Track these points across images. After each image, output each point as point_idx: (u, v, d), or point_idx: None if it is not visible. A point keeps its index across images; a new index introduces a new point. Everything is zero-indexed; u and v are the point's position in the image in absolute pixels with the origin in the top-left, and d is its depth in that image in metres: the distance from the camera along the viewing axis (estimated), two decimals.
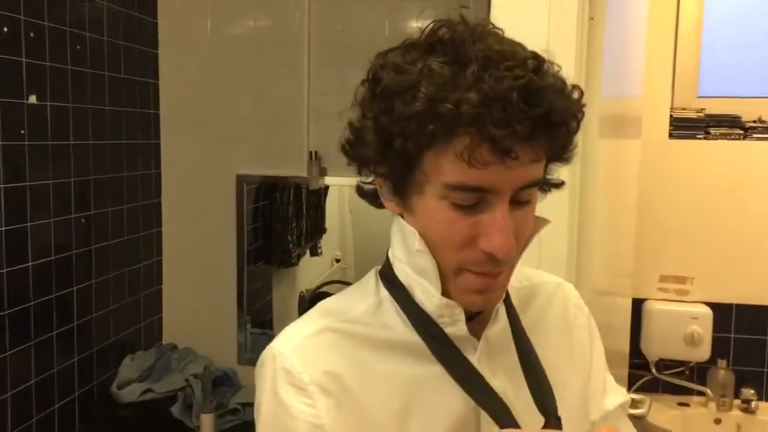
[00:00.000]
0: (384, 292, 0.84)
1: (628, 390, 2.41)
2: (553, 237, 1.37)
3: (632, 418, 0.99)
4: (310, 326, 0.82)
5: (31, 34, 1.77)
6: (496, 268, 0.75)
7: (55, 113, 1.89)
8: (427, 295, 0.79)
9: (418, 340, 0.80)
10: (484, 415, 0.78)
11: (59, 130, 1.91)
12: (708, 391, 2.92)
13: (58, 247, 1.92)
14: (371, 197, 0.83)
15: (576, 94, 0.75)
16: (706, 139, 2.95)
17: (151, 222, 2.41)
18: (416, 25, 0.79)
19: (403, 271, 0.82)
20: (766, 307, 2.92)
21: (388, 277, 0.84)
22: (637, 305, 2.89)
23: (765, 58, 3.01)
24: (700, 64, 3.00)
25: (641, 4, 2.37)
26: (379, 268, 0.87)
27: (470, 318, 0.81)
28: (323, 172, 2.35)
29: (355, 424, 0.78)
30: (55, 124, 1.89)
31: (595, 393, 0.92)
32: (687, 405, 2.95)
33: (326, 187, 2.47)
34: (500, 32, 0.76)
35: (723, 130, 2.94)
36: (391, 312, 0.82)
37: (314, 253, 2.62)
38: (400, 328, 0.81)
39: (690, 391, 2.97)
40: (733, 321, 2.94)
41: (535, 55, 0.73)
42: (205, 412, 2.01)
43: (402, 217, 0.80)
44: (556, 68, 0.75)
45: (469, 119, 0.68)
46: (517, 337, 0.82)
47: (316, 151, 2.32)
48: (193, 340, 2.43)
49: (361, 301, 0.84)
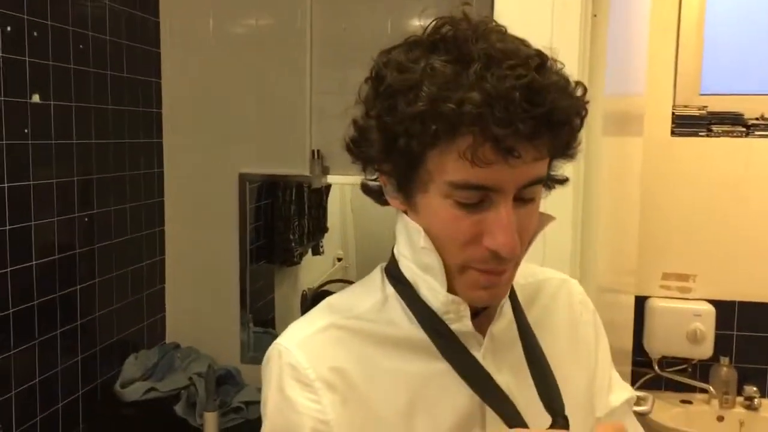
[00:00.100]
0: (390, 289, 0.84)
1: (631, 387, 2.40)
2: (558, 234, 1.37)
3: (635, 416, 0.98)
4: (316, 323, 0.82)
5: (35, 33, 1.77)
6: (501, 266, 0.75)
7: (58, 112, 1.89)
8: (433, 291, 0.79)
9: (424, 337, 0.80)
10: (489, 411, 0.78)
11: (62, 129, 1.91)
12: (711, 388, 2.92)
13: (62, 246, 1.93)
14: (376, 194, 0.83)
15: (579, 92, 0.75)
16: (708, 136, 2.95)
17: (154, 221, 2.41)
18: (418, 23, 0.79)
19: (408, 268, 0.82)
20: None
21: (394, 274, 0.84)
22: (640, 303, 2.89)
23: (767, 55, 3.00)
24: (702, 62, 2.99)
25: (643, 2, 2.37)
26: (384, 264, 0.87)
27: (475, 314, 0.81)
28: (326, 171, 2.35)
29: (361, 420, 0.78)
30: (59, 123, 1.89)
31: (601, 389, 0.91)
32: (690, 402, 2.95)
33: (328, 186, 2.47)
34: (503, 29, 0.76)
35: (725, 128, 2.94)
36: (397, 309, 0.82)
37: (316, 252, 2.62)
38: (406, 324, 0.81)
39: (693, 389, 2.97)
40: (735, 318, 2.94)
41: (538, 53, 0.73)
42: (209, 411, 2.01)
43: (406, 214, 0.80)
44: (559, 66, 0.74)
45: (471, 119, 0.68)
46: (523, 333, 0.82)
47: (318, 150, 2.32)
48: (195, 339, 2.43)
49: (367, 298, 0.84)
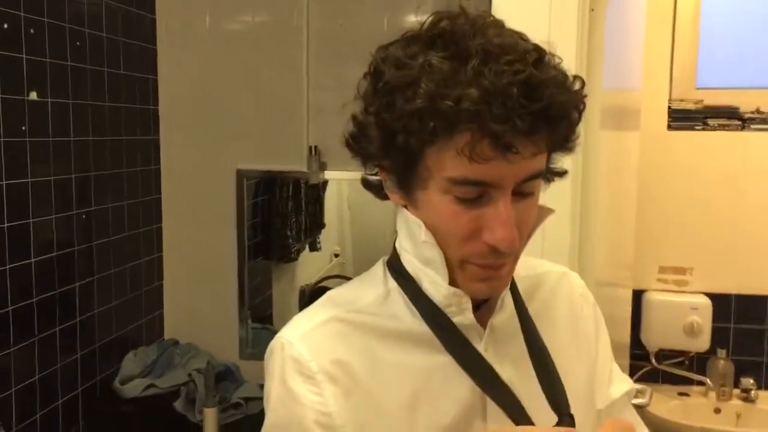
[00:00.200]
0: (392, 283, 0.84)
1: None
2: (556, 229, 1.37)
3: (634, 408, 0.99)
4: (318, 316, 0.83)
5: (31, 31, 1.77)
6: (500, 260, 0.76)
7: (56, 110, 1.88)
8: (435, 285, 0.80)
9: (426, 330, 0.80)
10: (490, 403, 0.79)
11: (60, 126, 1.91)
12: (708, 380, 2.93)
13: (60, 243, 1.92)
14: (376, 189, 0.84)
15: (577, 85, 0.75)
16: (704, 130, 2.96)
17: (152, 218, 2.41)
18: (415, 19, 0.79)
19: (410, 262, 0.82)
20: (765, 297, 2.93)
21: (396, 268, 0.84)
22: (637, 296, 2.90)
23: (762, 48, 3.01)
24: (698, 56, 3.00)
25: None
26: (386, 258, 0.88)
27: (477, 307, 0.81)
28: (323, 167, 2.35)
29: (363, 412, 0.78)
30: (56, 121, 1.89)
31: (601, 382, 0.92)
32: (687, 395, 2.96)
33: (325, 182, 2.47)
34: (501, 23, 0.76)
35: (721, 121, 2.95)
36: (399, 302, 0.83)
37: (313, 248, 2.62)
38: (408, 318, 0.81)
39: (690, 381, 2.98)
40: (732, 311, 2.95)
41: (536, 47, 0.73)
42: (209, 407, 2.02)
43: (406, 209, 0.81)
44: (557, 60, 0.74)
45: (469, 116, 0.68)
46: (525, 326, 0.83)
47: (315, 146, 2.32)
48: (194, 336, 2.43)
49: (369, 292, 0.84)
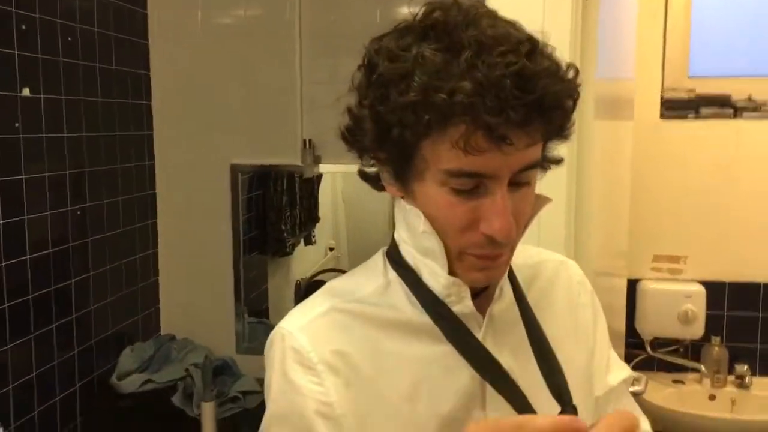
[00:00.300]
0: (392, 274, 0.84)
1: None
2: (551, 220, 1.38)
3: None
4: (318, 307, 0.83)
5: (23, 27, 1.76)
6: (497, 250, 0.76)
7: (49, 106, 1.88)
8: (434, 275, 0.80)
9: (426, 321, 0.81)
10: (489, 392, 0.80)
11: (53, 122, 1.90)
12: (702, 368, 2.94)
13: (55, 239, 1.92)
14: (373, 181, 0.84)
15: (571, 74, 0.75)
16: (697, 119, 2.97)
17: (146, 213, 2.41)
18: (407, 11, 0.79)
19: (408, 253, 0.83)
20: (758, 284, 2.95)
21: (395, 259, 0.85)
22: (632, 285, 2.91)
23: (754, 36, 3.02)
24: (690, 45, 3.00)
25: None
26: (385, 249, 0.88)
27: (475, 295, 0.82)
28: (317, 160, 2.35)
29: (364, 401, 0.79)
30: (49, 117, 1.88)
31: (599, 369, 0.93)
32: (682, 382, 2.98)
33: (319, 176, 2.47)
34: (494, 13, 0.75)
35: (714, 110, 2.95)
36: (399, 293, 0.83)
37: (308, 242, 2.62)
38: (408, 308, 0.82)
39: (685, 369, 2.99)
40: (726, 298, 2.97)
41: (529, 38, 0.73)
42: (206, 401, 2.02)
43: (403, 200, 0.81)
44: (550, 49, 0.74)
45: (463, 108, 0.68)
46: (524, 314, 0.83)
47: (310, 139, 2.32)
48: (190, 331, 2.44)
49: (369, 282, 0.85)
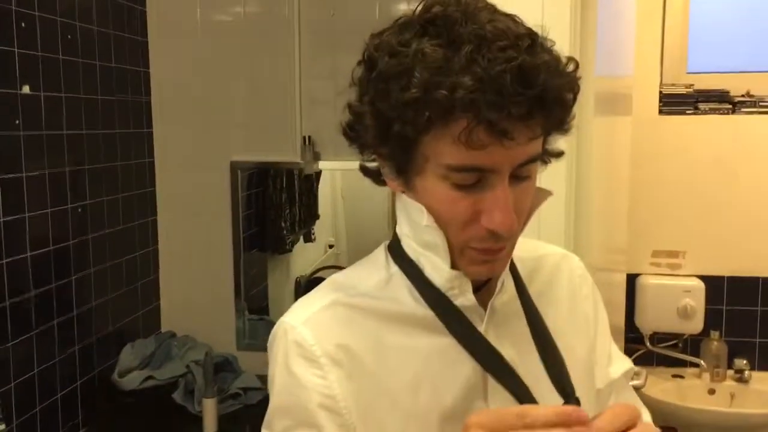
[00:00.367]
0: (394, 267, 0.85)
1: None
2: (551, 216, 1.38)
3: None
4: (321, 300, 0.84)
5: (23, 24, 1.76)
6: (498, 244, 0.77)
7: (49, 103, 1.88)
8: (436, 268, 0.81)
9: (428, 314, 0.81)
10: (491, 383, 0.80)
11: (53, 119, 1.91)
12: (702, 362, 2.95)
13: (56, 237, 1.93)
14: (374, 176, 0.84)
15: (571, 67, 0.76)
16: (695, 114, 2.97)
17: (146, 211, 2.41)
18: (406, 7, 0.79)
19: (410, 247, 0.83)
20: (757, 279, 2.96)
21: (398, 253, 0.85)
22: (631, 280, 2.92)
23: (752, 32, 3.02)
24: (689, 41, 3.01)
25: None
26: (387, 243, 0.88)
27: (477, 289, 0.82)
28: (317, 157, 2.35)
29: (367, 394, 0.79)
30: (49, 114, 1.88)
31: (601, 361, 0.93)
32: (681, 377, 2.99)
33: (318, 173, 2.48)
34: (493, 7, 0.75)
35: (712, 105, 2.96)
36: (401, 286, 0.83)
37: (308, 239, 2.63)
38: (410, 301, 0.82)
39: (684, 363, 3.01)
40: (725, 293, 2.98)
41: (529, 32, 0.73)
42: (208, 397, 2.03)
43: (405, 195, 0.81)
44: (550, 43, 0.75)
45: (464, 104, 0.68)
46: (527, 307, 0.84)
47: (309, 136, 2.32)
48: (190, 328, 2.44)
49: (371, 276, 0.85)
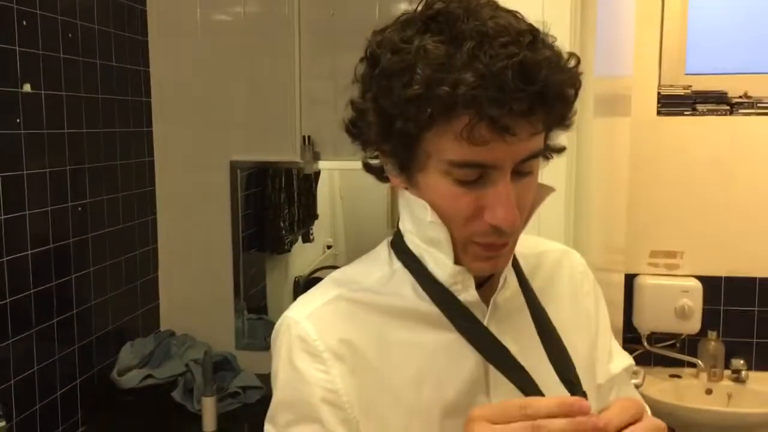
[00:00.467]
0: (397, 263, 0.85)
1: None
2: (551, 216, 1.38)
3: None
4: (324, 295, 0.84)
5: (24, 23, 1.76)
6: (501, 239, 0.77)
7: (49, 102, 1.88)
8: (440, 264, 0.81)
9: (431, 309, 0.82)
10: (493, 378, 0.81)
11: (54, 118, 1.91)
12: (699, 362, 2.96)
13: (56, 235, 1.93)
14: (377, 173, 0.85)
15: (572, 63, 0.76)
16: (693, 115, 2.98)
17: (146, 210, 2.41)
18: (406, 7, 0.79)
19: (413, 243, 0.84)
20: (754, 279, 2.97)
21: (401, 248, 0.86)
22: (629, 280, 2.93)
23: (750, 34, 3.03)
24: (687, 42, 3.02)
25: None
26: (390, 239, 0.89)
27: (479, 285, 0.83)
28: (316, 157, 2.36)
29: (369, 388, 0.80)
30: (50, 113, 1.89)
31: (602, 357, 0.94)
32: (679, 376, 2.99)
33: (317, 173, 2.48)
34: (494, 4, 0.76)
35: (710, 106, 2.97)
36: (405, 281, 0.84)
37: (306, 239, 2.63)
38: (413, 297, 0.83)
39: (681, 363, 3.01)
40: (722, 293, 2.98)
41: (530, 28, 0.73)
42: (207, 396, 2.03)
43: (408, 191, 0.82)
44: (551, 39, 0.75)
45: (466, 101, 0.69)
46: (530, 302, 0.84)
47: (309, 136, 2.33)
48: (189, 327, 2.44)
49: (374, 271, 0.86)
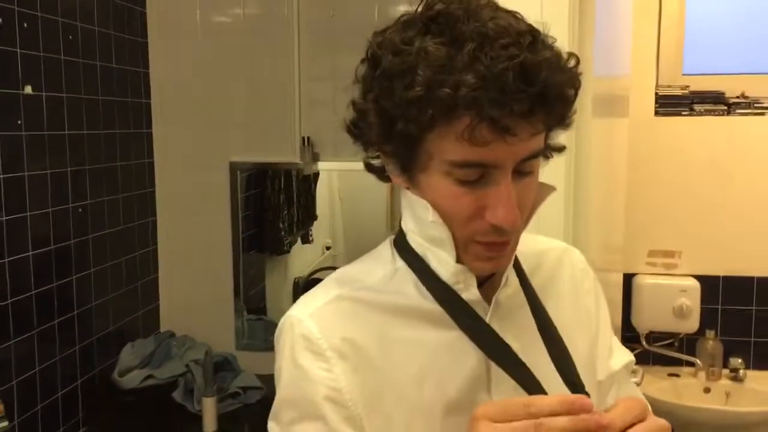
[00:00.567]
0: (400, 262, 0.86)
1: None
2: (551, 217, 1.39)
3: None
4: (326, 294, 0.85)
5: (25, 25, 1.77)
6: (502, 238, 0.78)
7: (50, 103, 1.89)
8: (442, 263, 0.82)
9: (433, 307, 0.82)
10: (494, 375, 0.82)
11: (54, 120, 1.92)
12: (697, 361, 2.97)
13: (57, 236, 1.94)
14: (379, 173, 0.85)
15: (572, 63, 0.77)
16: (690, 115, 2.99)
17: (146, 211, 2.42)
18: (406, 8, 0.80)
19: (416, 242, 0.85)
20: (752, 278, 2.98)
21: (403, 247, 0.86)
22: (627, 280, 2.94)
23: (747, 34, 3.04)
24: (684, 42, 3.03)
25: None
26: (392, 238, 0.90)
27: (480, 284, 0.83)
28: (316, 158, 2.36)
29: (372, 386, 0.80)
30: (51, 114, 1.90)
31: (602, 354, 0.95)
32: (677, 375, 3.00)
33: (316, 174, 2.49)
34: (494, 4, 0.76)
35: (707, 107, 2.98)
36: (407, 280, 0.85)
37: (305, 240, 2.63)
38: (416, 295, 0.84)
39: (680, 362, 3.02)
40: (720, 292, 2.99)
41: (530, 29, 0.74)
42: (207, 396, 2.04)
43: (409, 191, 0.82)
44: (551, 40, 0.76)
45: (467, 102, 0.69)
46: (531, 301, 0.85)
47: (308, 137, 2.33)
48: (190, 328, 2.45)
49: (376, 270, 0.86)
